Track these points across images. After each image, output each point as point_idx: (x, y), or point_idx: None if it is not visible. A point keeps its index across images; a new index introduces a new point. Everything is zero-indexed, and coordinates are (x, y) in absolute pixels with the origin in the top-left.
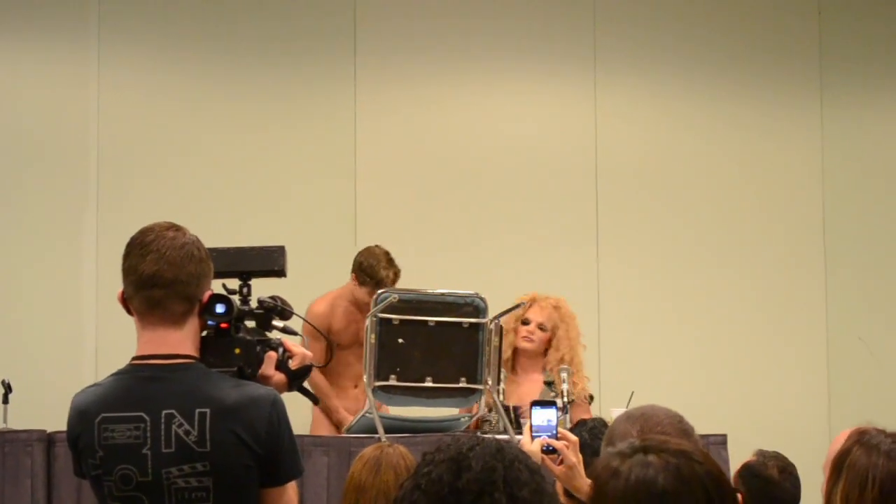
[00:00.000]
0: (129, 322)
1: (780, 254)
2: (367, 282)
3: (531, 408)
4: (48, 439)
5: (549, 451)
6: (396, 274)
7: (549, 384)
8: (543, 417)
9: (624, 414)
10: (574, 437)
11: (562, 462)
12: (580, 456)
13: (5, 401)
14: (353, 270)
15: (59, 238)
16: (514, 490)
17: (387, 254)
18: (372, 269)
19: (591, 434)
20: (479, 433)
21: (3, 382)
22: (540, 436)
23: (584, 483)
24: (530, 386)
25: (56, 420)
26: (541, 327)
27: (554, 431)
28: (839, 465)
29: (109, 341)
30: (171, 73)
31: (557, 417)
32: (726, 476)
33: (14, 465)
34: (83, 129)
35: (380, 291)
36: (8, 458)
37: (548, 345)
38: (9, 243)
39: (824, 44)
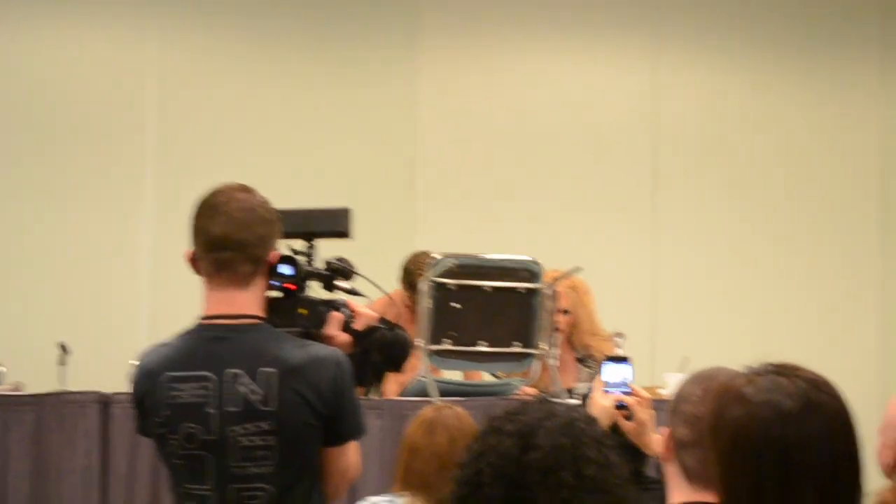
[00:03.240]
0: (185, 284)
1: (837, 227)
2: (406, 286)
3: (602, 364)
4: (104, 401)
5: (620, 406)
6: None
7: (581, 360)
8: (617, 373)
9: (691, 375)
10: (646, 394)
11: (633, 418)
12: (652, 412)
13: (62, 363)
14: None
15: (115, 201)
16: (581, 468)
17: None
18: (409, 274)
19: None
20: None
21: (59, 345)
22: (612, 391)
23: (653, 440)
24: (564, 367)
25: (112, 382)
26: (565, 312)
27: (627, 388)
28: None
29: (165, 304)
30: (229, 37)
31: (631, 374)
32: (854, 418)
33: (70, 427)
34: (141, 93)
35: (436, 256)
36: (64, 420)
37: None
38: (65, 206)
39: (887, 10)
